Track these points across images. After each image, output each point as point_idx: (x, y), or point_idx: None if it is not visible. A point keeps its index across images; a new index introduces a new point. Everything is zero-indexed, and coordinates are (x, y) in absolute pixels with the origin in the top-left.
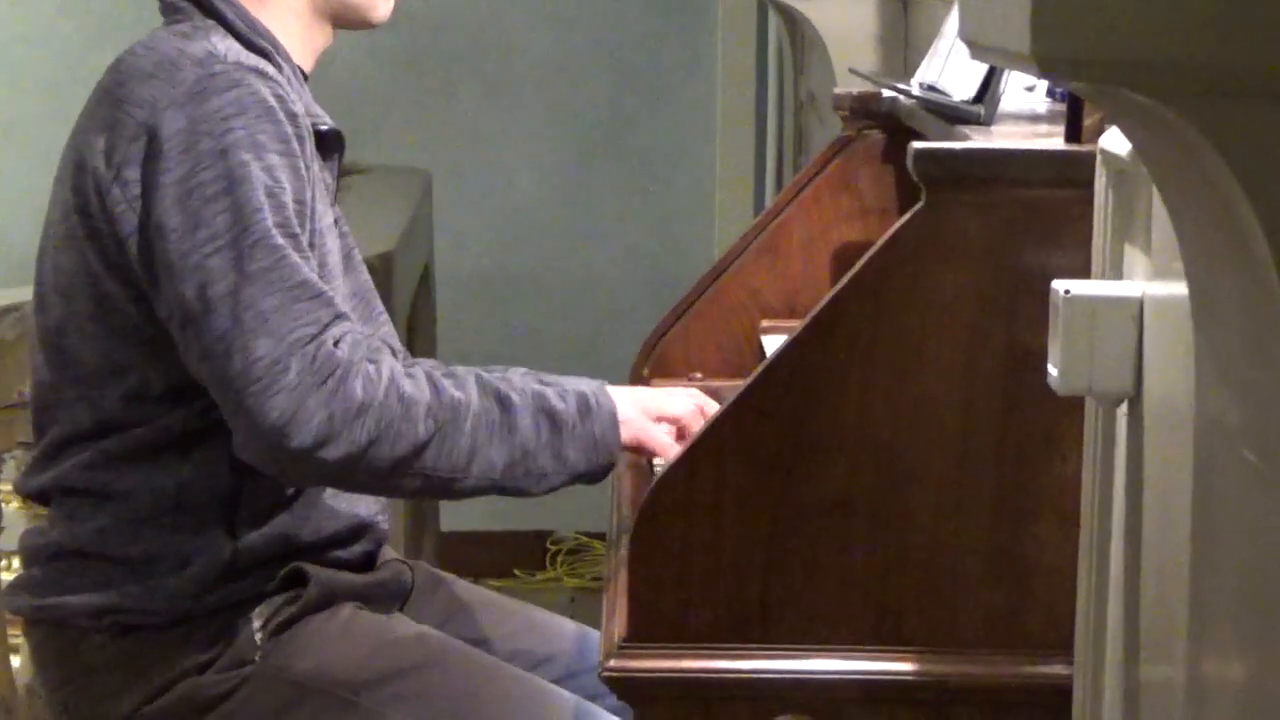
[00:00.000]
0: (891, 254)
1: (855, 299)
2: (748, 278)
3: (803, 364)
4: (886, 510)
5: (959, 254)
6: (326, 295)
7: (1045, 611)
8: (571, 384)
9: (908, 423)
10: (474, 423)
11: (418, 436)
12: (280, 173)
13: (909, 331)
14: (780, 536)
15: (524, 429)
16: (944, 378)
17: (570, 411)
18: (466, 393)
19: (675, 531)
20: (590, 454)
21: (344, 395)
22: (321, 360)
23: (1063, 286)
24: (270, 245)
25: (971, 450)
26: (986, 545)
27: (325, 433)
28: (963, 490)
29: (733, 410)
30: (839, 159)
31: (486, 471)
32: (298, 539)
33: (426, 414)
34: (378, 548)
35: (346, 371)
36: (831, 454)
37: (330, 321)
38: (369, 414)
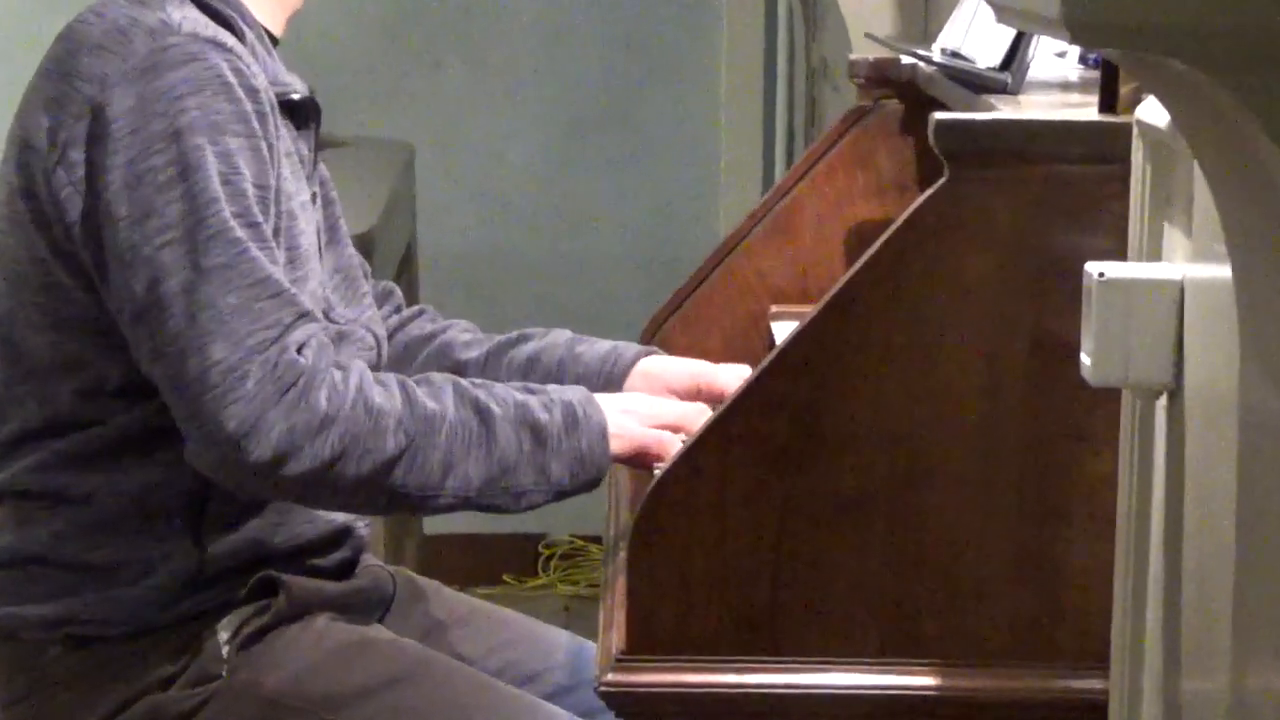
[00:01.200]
0: (911, 234)
1: (872, 283)
2: (755, 259)
3: (815, 352)
4: (905, 510)
5: (984, 234)
6: (289, 294)
7: (1078, 620)
8: (558, 393)
9: (928, 416)
10: (449, 436)
11: (387, 451)
12: (238, 157)
13: (930, 318)
14: (790, 539)
15: (504, 443)
16: (967, 368)
17: (555, 424)
18: (442, 403)
19: (677, 534)
20: (575, 469)
21: (307, 407)
22: (283, 368)
23: (1096, 269)
24: (229, 239)
25: (997, 446)
26: (1014, 549)
27: (286, 447)
28: (988, 489)
29: (739, 402)
30: (854, 131)
31: (462, 488)
32: (270, 545)
33: (397, 427)
34: (357, 555)
35: (310, 380)
36: (846, 449)
37: (293, 323)
38: (334, 427)
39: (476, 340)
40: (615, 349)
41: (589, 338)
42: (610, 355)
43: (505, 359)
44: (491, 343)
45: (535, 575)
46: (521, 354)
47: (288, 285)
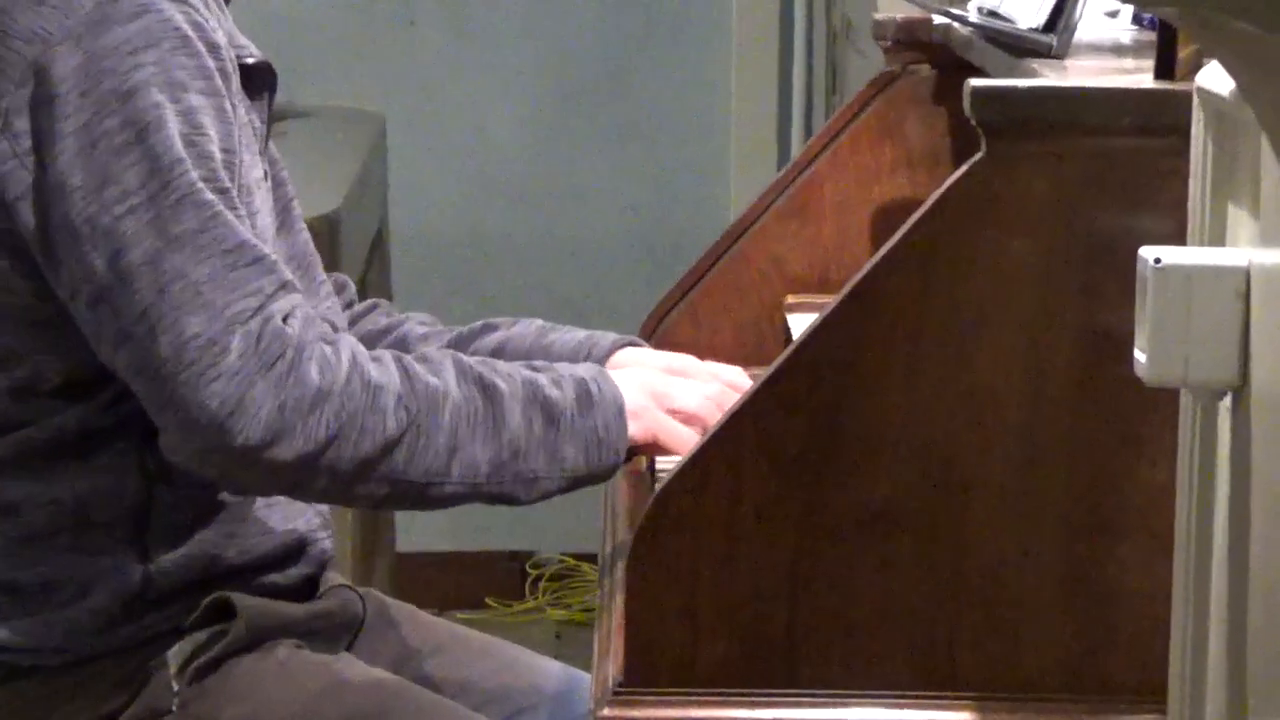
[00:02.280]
0: (943, 216)
1: (900, 270)
2: (770, 244)
3: (836, 348)
4: (938, 526)
5: (1025, 215)
6: (270, 260)
7: (1131, 649)
8: (568, 370)
9: (963, 420)
10: (454, 415)
11: (387, 431)
12: (202, 116)
13: (965, 310)
14: (809, 557)
15: (513, 423)
16: (1007, 365)
17: (567, 402)
18: (443, 379)
19: (682, 551)
20: (592, 452)
21: (297, 380)
22: (268, 338)
23: (1152, 255)
24: (197, 202)
25: (1041, 453)
26: (1060, 569)
27: (276, 426)
28: (1031, 502)
29: (752, 404)
30: (880, 100)
31: (469, 474)
32: (223, 561)
33: (397, 404)
34: (320, 571)
35: (299, 352)
36: (871, 457)
37: (275, 291)
38: (328, 403)
39: (436, 332)
40: (590, 338)
41: (562, 326)
42: (584, 345)
43: (468, 351)
44: (453, 334)
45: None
46: (486, 345)
47: (267, 251)
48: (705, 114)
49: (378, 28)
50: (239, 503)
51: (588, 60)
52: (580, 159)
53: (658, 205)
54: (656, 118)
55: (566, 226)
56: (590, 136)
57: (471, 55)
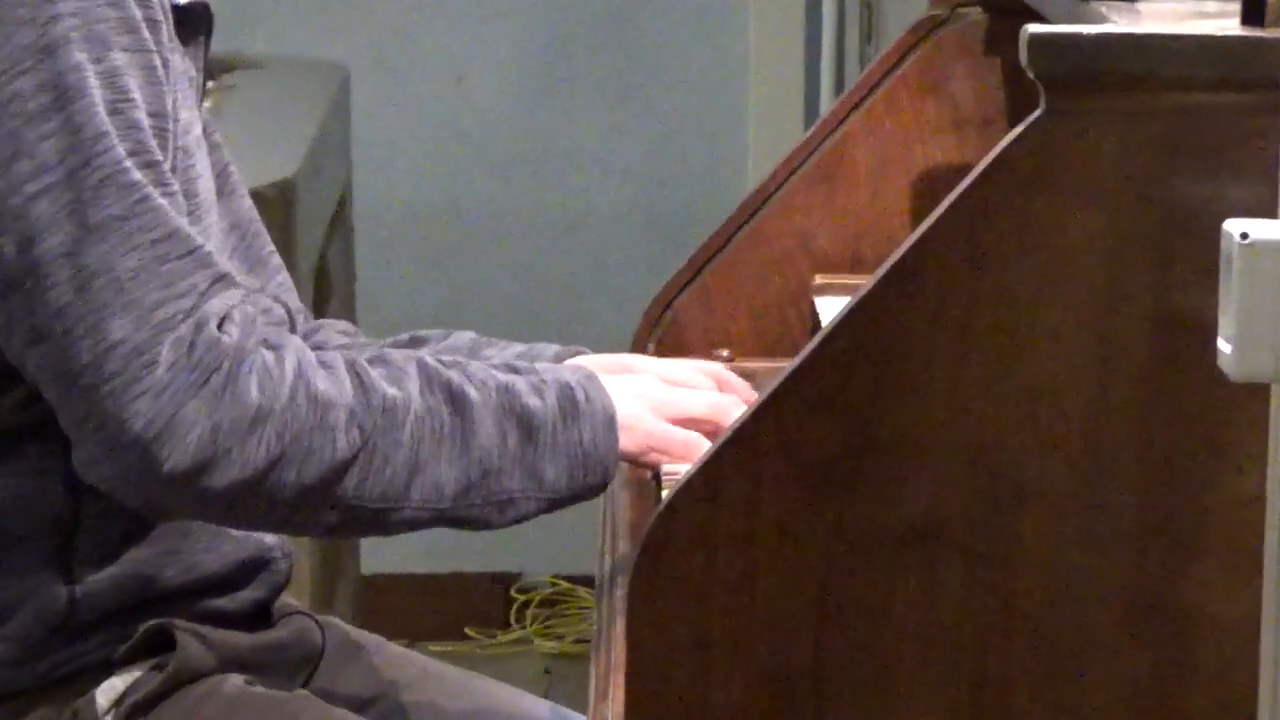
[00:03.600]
0: (996, 184)
1: (945, 247)
2: (795, 216)
3: (871, 337)
4: (989, 543)
5: (1091, 183)
6: (204, 252)
7: (1211, 682)
8: (551, 373)
9: (1018, 420)
10: (415, 430)
11: (337, 452)
12: (128, 77)
13: (1020, 293)
14: (840, 579)
15: (484, 437)
16: (1069, 358)
17: (549, 411)
18: (405, 388)
19: (693, 572)
20: (576, 470)
21: (234, 398)
22: (202, 348)
23: (1238, 229)
24: (124, 183)
25: (1108, 459)
26: (1130, 592)
27: (209, 451)
28: (1096, 515)
29: (774, 401)
30: (923, 49)
31: (433, 497)
32: (160, 582)
33: (349, 420)
34: (274, 595)
35: (237, 364)
36: (912, 463)
37: (210, 288)
38: (269, 423)
39: (357, 346)
40: (529, 350)
41: (499, 340)
42: (523, 358)
43: None
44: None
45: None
46: None
47: (200, 240)
48: (719, 64)
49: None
50: None
51: (584, 4)
52: (574, 117)
53: (663, 171)
54: (662, 69)
55: (558, 196)
56: (585, 91)
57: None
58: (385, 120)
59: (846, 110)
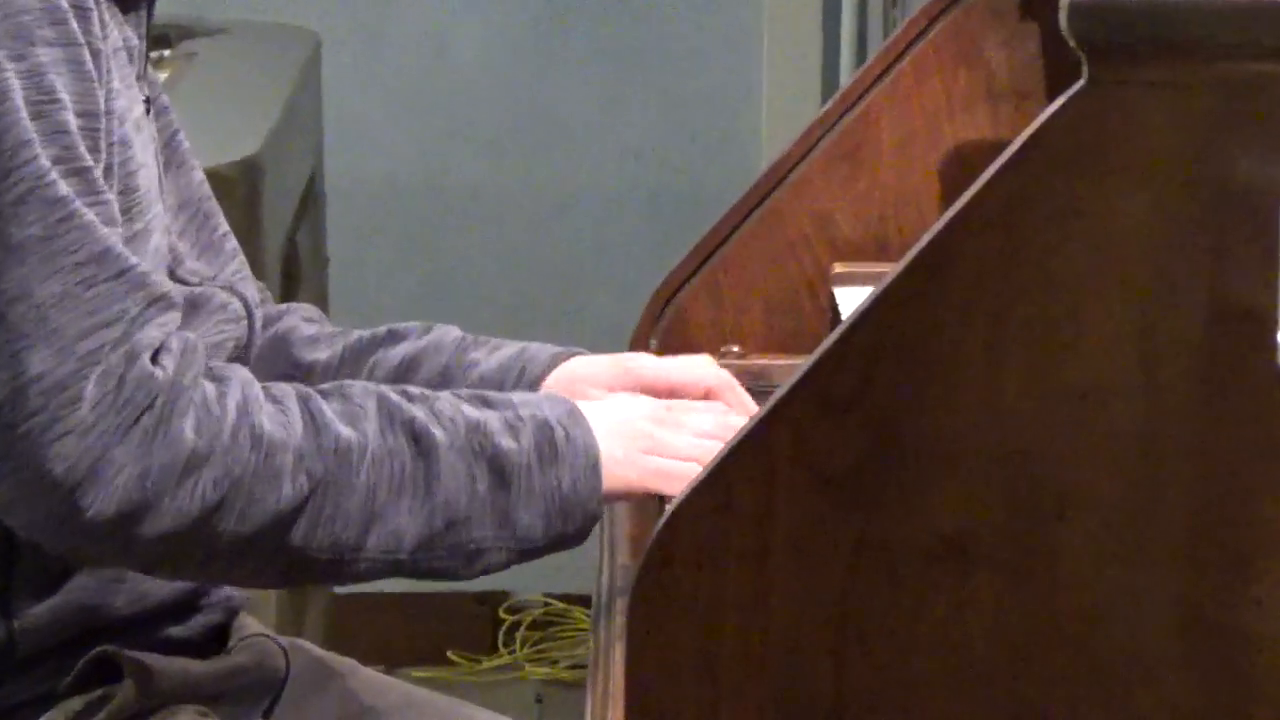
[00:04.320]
0: (1034, 163)
1: (979, 232)
2: (812, 198)
3: (897, 331)
4: (1026, 557)
5: (1139, 162)
6: (137, 272)
7: (1269, 708)
8: (528, 408)
9: (1060, 423)
10: (373, 474)
11: (282, 500)
12: (53, 75)
13: (1062, 283)
14: (862, 599)
15: (451, 483)
16: (1116, 353)
17: (524, 454)
18: (360, 428)
19: (699, 591)
20: (554, 518)
21: (167, 440)
22: (132, 385)
23: None
24: (47, 198)
25: (1157, 464)
26: (1180, 609)
27: (138, 498)
28: (1143, 525)
29: (788, 403)
30: (953, 14)
31: (391, 547)
32: (107, 612)
33: (297, 464)
34: (229, 619)
35: (171, 402)
36: (941, 471)
37: (142, 314)
38: (206, 468)
39: (326, 336)
40: (522, 353)
41: (488, 339)
42: (514, 362)
43: (367, 365)
44: (349, 340)
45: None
46: (390, 359)
47: (132, 259)
48: (729, 30)
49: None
50: None
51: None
52: (568, 88)
53: (667, 148)
54: (666, 34)
55: (550, 176)
56: (581, 59)
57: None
58: (360, 92)
59: (869, 82)
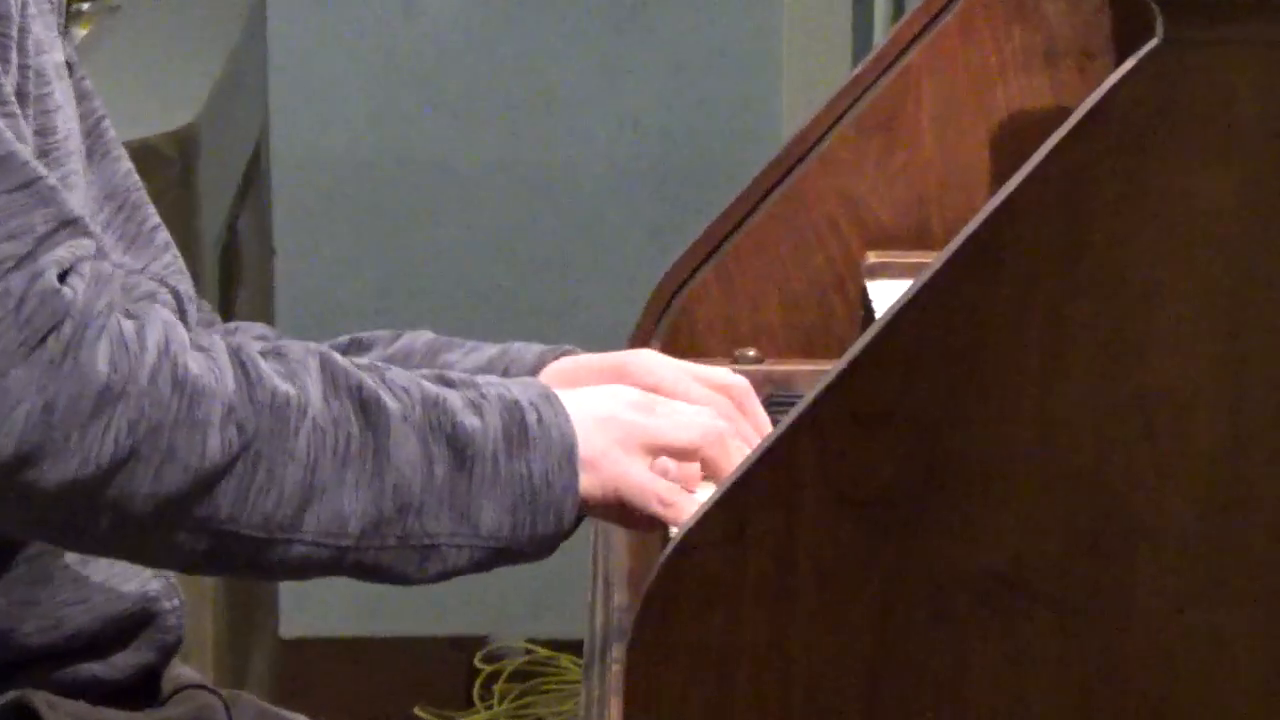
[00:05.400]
0: (1101, 135)
1: (1035, 217)
2: (841, 176)
3: (940, 333)
4: (1090, 595)
5: (1222, 134)
6: (46, 185)
7: None
8: (493, 387)
9: (1129, 438)
10: (313, 442)
11: (208, 455)
12: None
13: (1131, 275)
14: (899, 641)
15: (403, 460)
16: (1195, 358)
17: (489, 435)
18: (301, 386)
19: (709, 635)
20: (522, 514)
21: (75, 369)
22: (35, 303)
23: None
24: None
25: (1242, 489)
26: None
27: (38, 435)
28: (1225, 559)
29: (813, 415)
30: None
31: (332, 530)
32: (16, 640)
33: (226, 416)
34: (163, 658)
35: (81, 327)
36: (991, 494)
37: (52, 233)
38: (120, 406)
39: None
40: (505, 353)
41: (464, 341)
42: (495, 363)
43: None
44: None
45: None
46: None
47: (42, 171)
48: None
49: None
50: (42, 555)
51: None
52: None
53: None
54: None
55: (536, 151)
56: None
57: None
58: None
59: (907, 40)
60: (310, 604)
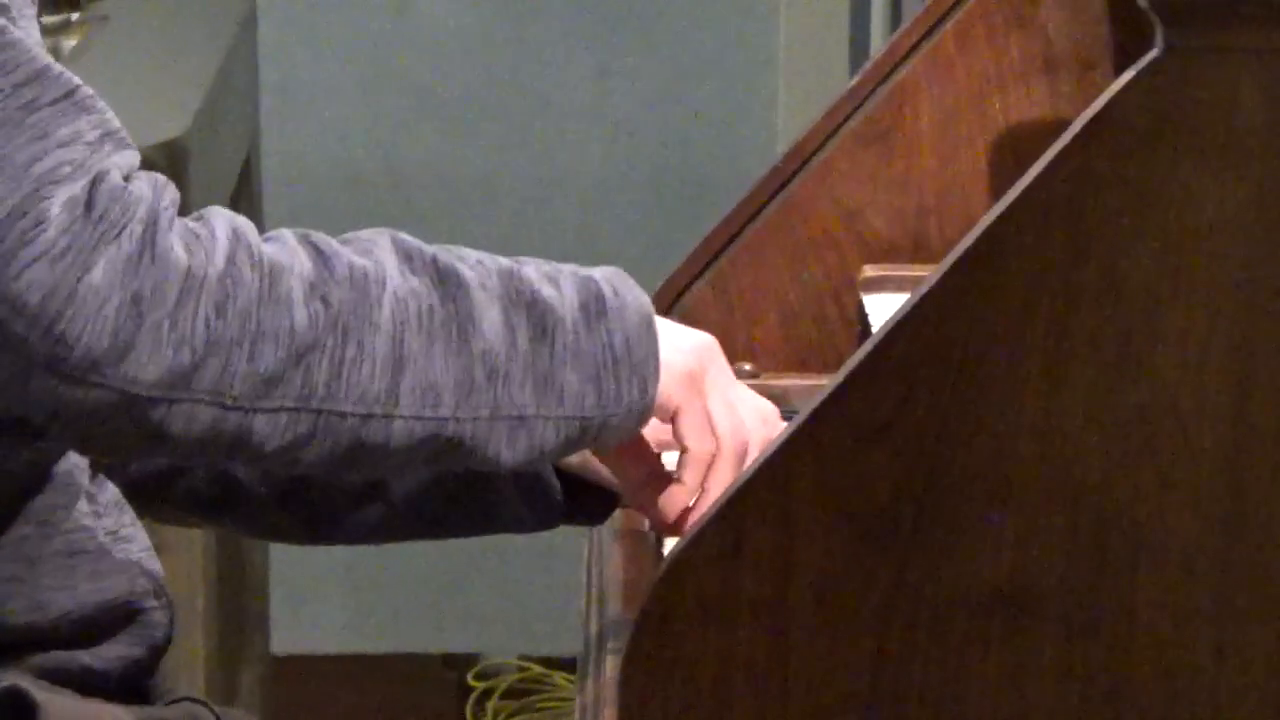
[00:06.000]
0: (1101, 145)
1: (1036, 227)
2: (838, 187)
3: (938, 346)
4: (1093, 610)
5: (1226, 143)
6: (85, 94)
7: None
8: (569, 266)
9: (1132, 452)
10: (397, 312)
11: (296, 329)
12: None
13: (1133, 286)
14: (897, 659)
15: (486, 327)
16: (1199, 371)
17: (567, 304)
18: (377, 260)
19: (706, 651)
20: (607, 382)
21: (156, 259)
22: (105, 201)
23: None
24: None
25: (1249, 503)
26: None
27: (130, 327)
28: (1232, 575)
29: (811, 429)
30: None
31: (425, 404)
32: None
33: (309, 292)
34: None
35: (153, 219)
36: (991, 510)
37: (99, 142)
38: (204, 291)
39: None
40: None
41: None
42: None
43: None
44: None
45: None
46: None
47: (78, 80)
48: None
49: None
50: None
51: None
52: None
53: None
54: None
55: (530, 160)
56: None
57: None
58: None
59: (905, 50)
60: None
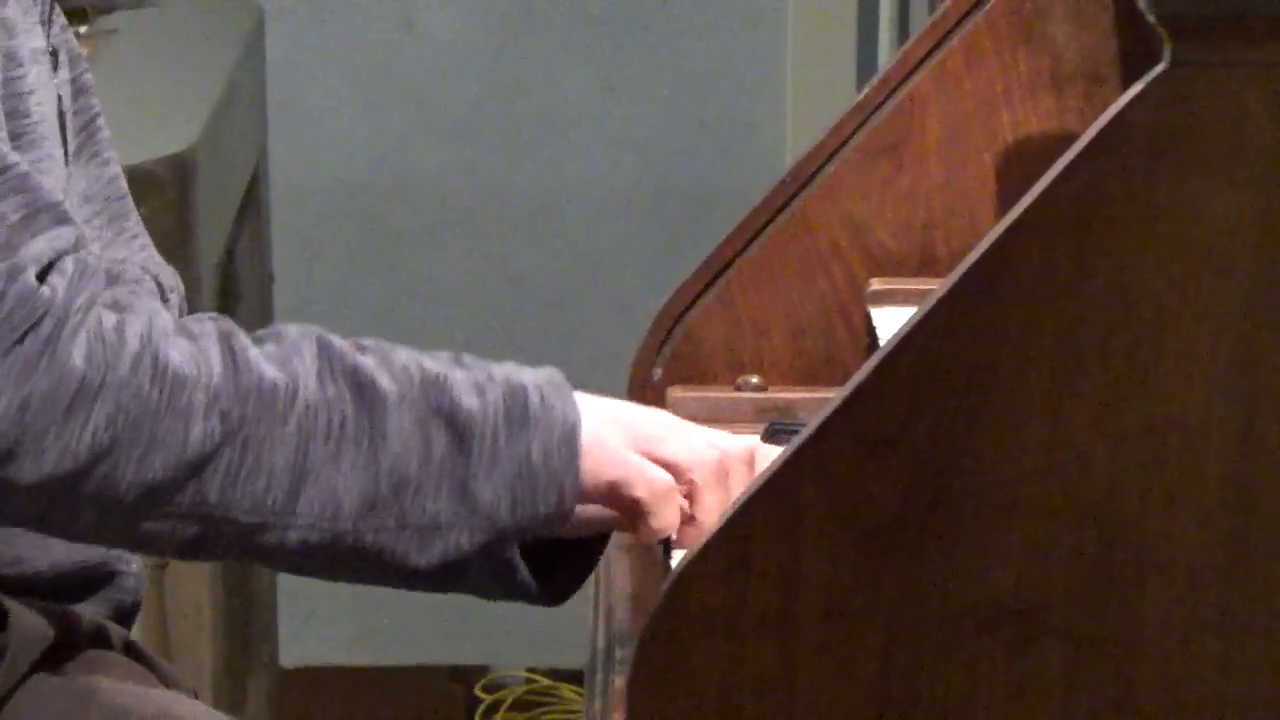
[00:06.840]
0: (1109, 159)
1: (1043, 241)
2: (846, 200)
3: (946, 359)
4: (1099, 625)
5: (1232, 157)
6: (16, 172)
7: None
8: (502, 370)
9: (1139, 466)
10: (305, 424)
11: (190, 443)
12: None
13: (1140, 300)
14: (903, 672)
15: (400, 441)
16: (1206, 385)
17: (488, 415)
18: (290, 371)
19: (714, 664)
20: (523, 492)
21: (53, 366)
22: (12, 301)
23: None
24: None
25: (1256, 517)
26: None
27: (15, 432)
28: (1238, 589)
29: (818, 442)
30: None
31: (328, 512)
32: None
33: (209, 405)
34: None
35: (59, 323)
36: (998, 523)
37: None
38: (99, 401)
39: None
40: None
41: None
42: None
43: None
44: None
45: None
46: None
47: (13, 157)
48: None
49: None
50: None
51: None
52: (556, 69)
53: (676, 142)
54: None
55: (535, 173)
56: (572, 35)
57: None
58: (310, 77)
59: (913, 63)
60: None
